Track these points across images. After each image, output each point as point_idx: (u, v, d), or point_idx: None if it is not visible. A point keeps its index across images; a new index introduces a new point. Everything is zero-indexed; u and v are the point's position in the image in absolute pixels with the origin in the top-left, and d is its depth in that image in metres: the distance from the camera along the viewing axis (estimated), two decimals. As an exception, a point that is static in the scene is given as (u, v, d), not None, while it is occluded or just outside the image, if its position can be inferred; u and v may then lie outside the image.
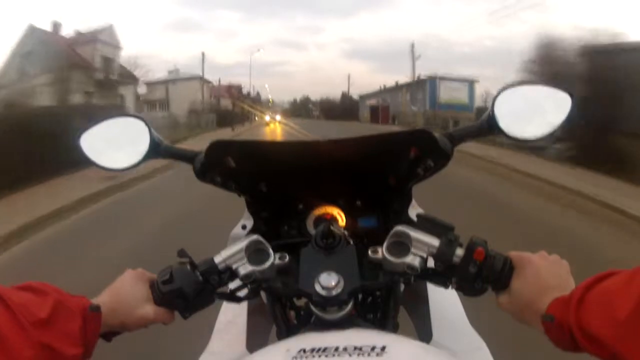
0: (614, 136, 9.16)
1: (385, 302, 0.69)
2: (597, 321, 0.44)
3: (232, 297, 0.65)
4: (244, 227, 0.81)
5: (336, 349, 0.46)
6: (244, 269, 0.61)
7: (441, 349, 0.67)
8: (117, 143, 0.71)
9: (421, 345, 0.59)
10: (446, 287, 0.62)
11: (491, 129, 0.66)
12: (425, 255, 0.59)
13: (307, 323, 0.65)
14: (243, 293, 0.65)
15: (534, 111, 0.68)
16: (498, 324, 0.95)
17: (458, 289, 0.61)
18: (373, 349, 0.46)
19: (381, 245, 0.61)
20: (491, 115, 0.66)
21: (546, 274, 0.54)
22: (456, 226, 0.61)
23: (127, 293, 0.59)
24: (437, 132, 0.69)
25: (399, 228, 0.61)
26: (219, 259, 0.62)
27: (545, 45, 12.19)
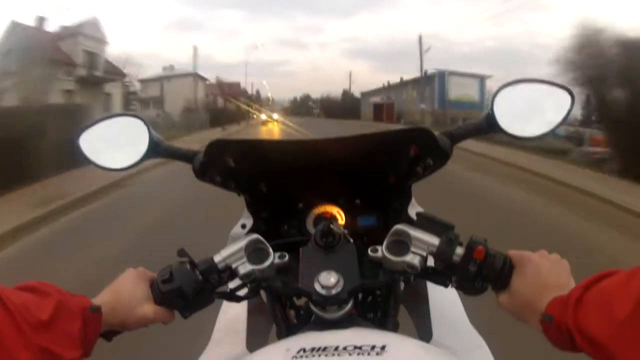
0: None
1: (385, 301, 0.69)
2: (595, 321, 0.44)
3: (232, 297, 0.65)
4: (244, 227, 0.81)
5: (336, 348, 0.46)
6: (244, 268, 0.61)
7: (441, 348, 0.67)
8: (117, 143, 0.71)
9: (421, 344, 0.59)
10: (446, 286, 0.62)
11: (491, 127, 0.66)
12: (425, 254, 0.59)
13: (307, 322, 0.65)
14: (243, 292, 0.65)
15: (534, 109, 0.68)
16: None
17: (458, 288, 0.61)
18: (373, 348, 0.46)
19: (381, 244, 0.61)
20: (490, 113, 0.66)
21: (546, 273, 0.54)
22: None
23: (128, 292, 0.58)
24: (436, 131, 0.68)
25: (399, 227, 0.61)
26: (218, 258, 0.62)
27: (584, 36, 10.64)
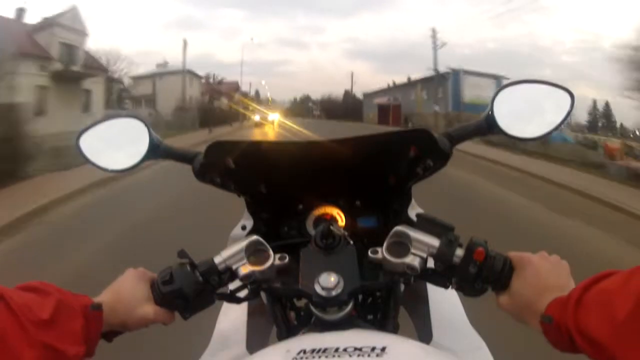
0: None
1: (385, 303, 0.69)
2: (595, 322, 0.44)
3: (232, 298, 0.65)
4: (244, 228, 0.81)
5: (336, 350, 0.46)
6: (244, 269, 0.61)
7: (441, 350, 0.67)
8: (117, 144, 0.71)
9: (421, 345, 0.59)
10: (446, 288, 0.62)
11: (490, 128, 0.66)
12: (425, 255, 0.59)
13: (307, 324, 0.66)
14: (243, 294, 0.65)
15: (534, 110, 0.68)
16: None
17: (458, 289, 0.61)
18: (373, 349, 0.46)
19: (381, 245, 0.61)
20: (490, 114, 0.65)
21: (546, 275, 0.54)
22: None
23: (128, 292, 0.59)
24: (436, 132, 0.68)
25: (399, 228, 0.61)
26: (219, 259, 0.62)
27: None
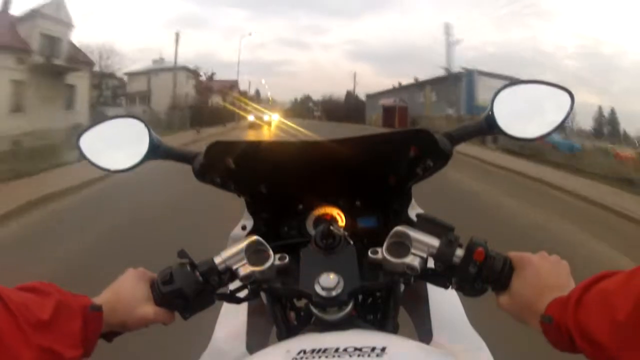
0: None
1: (385, 303, 0.69)
2: (596, 322, 0.44)
3: (232, 298, 0.65)
4: (244, 228, 0.81)
5: (336, 350, 0.46)
6: (244, 269, 0.61)
7: (441, 350, 0.67)
8: (117, 144, 0.72)
9: (421, 346, 0.59)
10: (446, 288, 0.62)
11: (490, 128, 0.66)
12: (425, 255, 0.59)
13: (307, 324, 0.65)
14: (243, 294, 0.65)
15: (534, 110, 0.68)
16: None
17: (458, 289, 0.61)
18: (373, 349, 0.46)
19: (381, 245, 0.61)
20: (490, 114, 0.66)
21: (546, 275, 0.54)
22: None
23: (128, 292, 0.59)
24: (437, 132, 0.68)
25: (399, 228, 0.61)
26: (219, 259, 0.62)
27: None
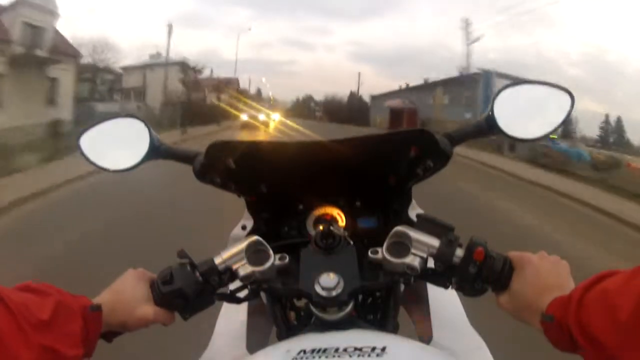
0: None
1: (385, 303, 0.69)
2: (597, 322, 0.44)
3: (232, 298, 0.65)
4: (244, 228, 0.81)
5: (336, 350, 0.46)
6: (244, 269, 0.61)
7: (441, 349, 0.67)
8: (117, 144, 0.72)
9: (421, 345, 0.59)
10: (446, 288, 0.62)
11: (490, 128, 0.66)
12: (425, 255, 0.59)
13: (307, 324, 0.66)
14: (243, 294, 0.65)
15: (534, 110, 0.68)
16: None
17: (458, 289, 0.61)
18: (373, 349, 0.46)
19: (381, 245, 0.61)
20: (490, 115, 0.66)
21: (546, 274, 0.54)
22: None
23: (128, 293, 0.59)
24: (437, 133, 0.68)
25: (399, 228, 0.61)
26: (219, 259, 0.62)
27: None
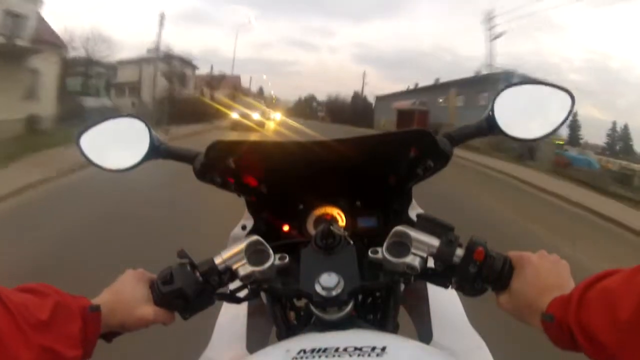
0: None
1: (385, 303, 0.69)
2: (598, 321, 0.44)
3: (232, 298, 0.66)
4: (244, 228, 0.81)
5: (336, 350, 0.46)
6: (244, 269, 0.61)
7: (441, 349, 0.67)
8: (117, 144, 0.72)
9: (421, 345, 0.59)
10: (446, 287, 0.62)
11: (491, 129, 0.66)
12: (425, 255, 0.59)
13: (307, 324, 0.66)
14: (243, 294, 0.66)
15: (534, 111, 0.68)
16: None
17: (458, 289, 0.61)
18: (373, 349, 0.46)
19: (381, 245, 0.61)
20: (491, 115, 0.66)
21: (546, 274, 0.54)
22: None
23: (127, 293, 0.59)
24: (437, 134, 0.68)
25: (399, 228, 0.61)
26: (219, 259, 0.62)
27: None
